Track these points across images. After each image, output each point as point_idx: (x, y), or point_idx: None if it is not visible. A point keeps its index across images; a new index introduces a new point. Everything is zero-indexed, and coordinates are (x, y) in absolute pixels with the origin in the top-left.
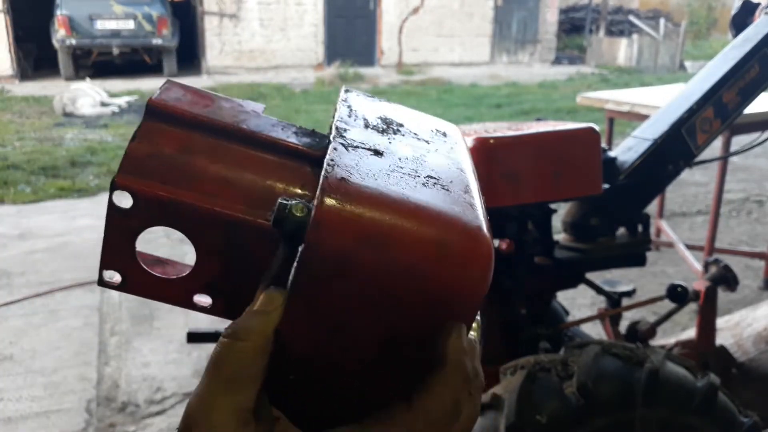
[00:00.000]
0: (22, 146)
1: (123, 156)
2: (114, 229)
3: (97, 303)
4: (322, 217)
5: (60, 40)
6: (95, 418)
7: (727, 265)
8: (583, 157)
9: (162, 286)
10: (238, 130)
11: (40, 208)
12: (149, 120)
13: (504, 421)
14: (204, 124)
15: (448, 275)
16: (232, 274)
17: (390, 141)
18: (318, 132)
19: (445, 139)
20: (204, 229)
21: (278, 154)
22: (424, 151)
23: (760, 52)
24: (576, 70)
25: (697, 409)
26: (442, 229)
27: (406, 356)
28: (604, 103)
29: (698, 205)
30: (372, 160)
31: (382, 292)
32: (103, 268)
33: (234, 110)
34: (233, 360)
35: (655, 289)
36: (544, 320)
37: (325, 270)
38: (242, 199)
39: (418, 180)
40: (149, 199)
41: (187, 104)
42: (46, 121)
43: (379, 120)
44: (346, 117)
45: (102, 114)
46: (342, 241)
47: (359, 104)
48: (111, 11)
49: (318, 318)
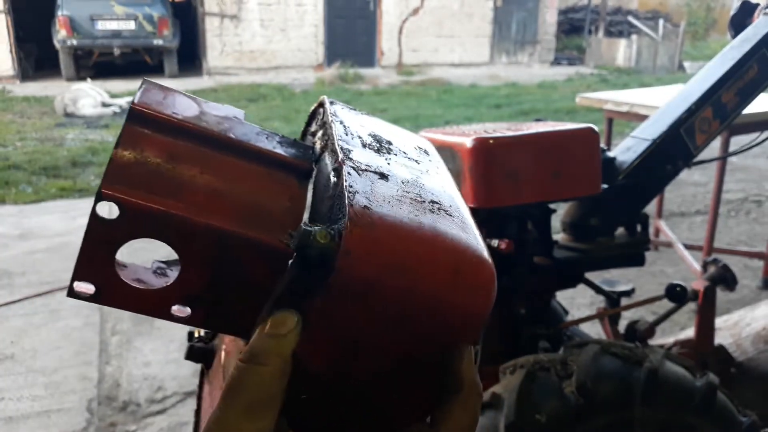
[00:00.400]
0: (24, 146)
1: (108, 163)
2: (94, 240)
3: None
4: (353, 246)
5: (61, 41)
6: (96, 418)
7: (726, 265)
8: (583, 158)
9: (139, 298)
10: (225, 138)
11: (41, 208)
12: (132, 124)
13: (503, 420)
14: (190, 131)
15: (461, 300)
16: (215, 285)
17: (388, 162)
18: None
19: (429, 157)
20: (192, 241)
21: (265, 165)
22: (418, 173)
23: (758, 53)
24: (575, 70)
25: (696, 408)
26: (456, 256)
27: (418, 376)
28: (603, 104)
29: (697, 205)
30: (381, 185)
31: (400, 316)
32: (75, 279)
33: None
34: (253, 384)
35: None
36: (544, 320)
37: (352, 294)
38: (232, 211)
39: (425, 206)
40: (137, 211)
41: (169, 108)
42: (47, 122)
43: (371, 138)
44: (345, 135)
45: (103, 114)
46: (370, 267)
47: (349, 119)
48: (112, 12)
49: (337, 340)
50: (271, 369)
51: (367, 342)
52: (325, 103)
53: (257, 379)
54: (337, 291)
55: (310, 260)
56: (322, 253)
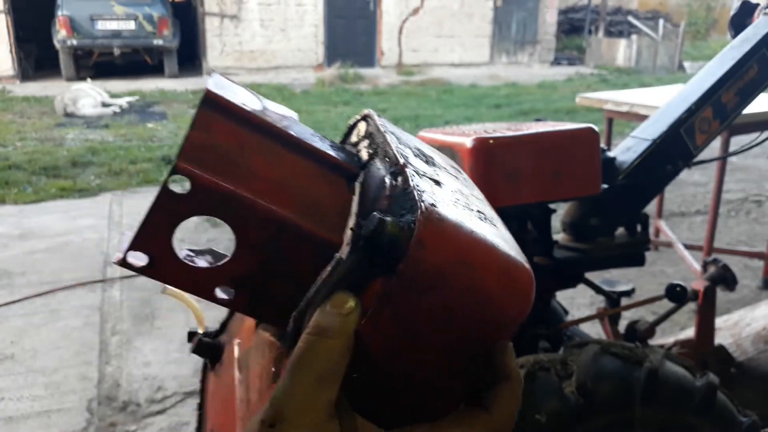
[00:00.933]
0: (24, 146)
1: (183, 141)
2: (160, 212)
3: (98, 302)
4: (426, 237)
5: (61, 41)
6: (96, 418)
7: (726, 265)
8: (583, 158)
9: (189, 275)
10: (286, 134)
11: (41, 208)
12: (206, 109)
13: None
14: (257, 124)
15: (507, 300)
16: (262, 271)
17: (437, 173)
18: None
19: (463, 176)
20: (253, 225)
21: (319, 164)
22: (461, 186)
23: (758, 53)
24: (575, 70)
25: (696, 408)
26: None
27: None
28: (603, 104)
29: (697, 205)
30: (438, 190)
31: (458, 308)
32: (132, 248)
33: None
34: (324, 356)
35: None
36: (544, 320)
37: (421, 283)
38: (291, 202)
39: (474, 213)
40: (208, 188)
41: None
42: (47, 122)
43: (417, 150)
44: (400, 145)
45: (103, 114)
46: (440, 259)
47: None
48: (112, 12)
49: (399, 324)
50: (339, 344)
51: (424, 328)
52: (372, 115)
53: (327, 352)
54: (406, 278)
55: (380, 247)
56: (392, 242)
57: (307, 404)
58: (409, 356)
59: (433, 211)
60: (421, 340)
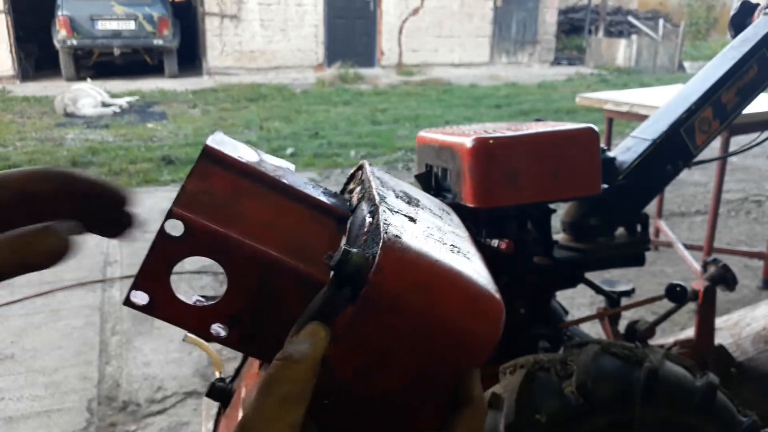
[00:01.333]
0: (24, 146)
1: (180, 190)
2: (158, 254)
3: (98, 302)
4: (384, 263)
5: (61, 41)
6: (96, 418)
7: (726, 265)
8: (582, 158)
9: (186, 313)
10: (280, 183)
11: None
12: (204, 161)
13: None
14: (252, 174)
15: (474, 326)
16: (254, 308)
17: (416, 212)
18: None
19: (451, 217)
20: (243, 265)
21: (310, 208)
22: (441, 224)
23: (758, 53)
24: (575, 70)
25: (696, 408)
26: (473, 289)
27: (432, 389)
28: (603, 104)
29: (697, 205)
30: (410, 225)
31: (420, 332)
32: (134, 288)
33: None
34: (288, 379)
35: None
36: (544, 320)
37: (380, 306)
38: (281, 242)
39: (446, 246)
40: (201, 231)
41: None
42: (47, 122)
43: (402, 193)
44: (381, 187)
45: (103, 114)
46: (398, 283)
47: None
48: (112, 12)
49: (363, 349)
50: (304, 367)
51: (388, 353)
52: (364, 165)
53: (291, 375)
54: (368, 302)
55: (345, 276)
56: (357, 270)
57: (273, 425)
58: (376, 380)
59: (395, 240)
60: (386, 365)
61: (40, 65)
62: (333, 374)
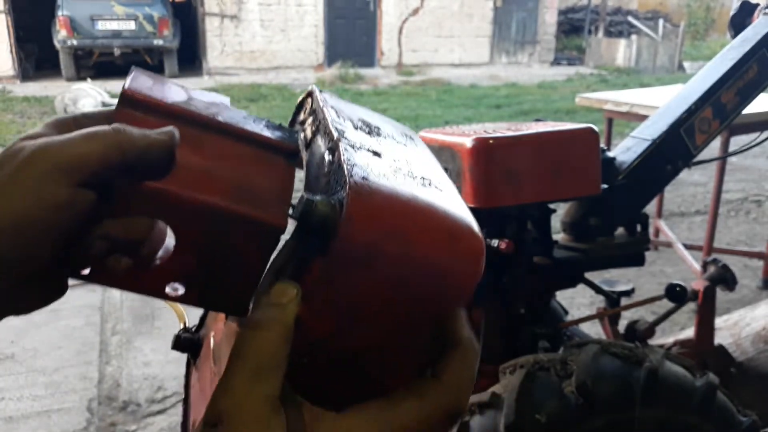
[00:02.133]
0: None
1: None
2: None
3: (99, 302)
4: (354, 212)
5: (61, 41)
6: (96, 417)
7: (726, 265)
8: (582, 158)
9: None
10: (213, 121)
11: None
12: (124, 109)
13: (503, 420)
14: (179, 114)
15: (454, 265)
16: (207, 263)
17: (379, 143)
18: (285, 126)
19: (415, 143)
20: (186, 219)
21: (253, 146)
22: (407, 153)
23: (758, 53)
24: (575, 70)
25: (695, 408)
26: (450, 225)
27: (415, 337)
28: (602, 104)
29: (697, 205)
30: (375, 161)
31: (398, 279)
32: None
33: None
34: (258, 350)
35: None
36: (544, 319)
37: (353, 260)
38: (224, 189)
39: (417, 180)
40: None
41: (159, 94)
42: None
43: (361, 122)
44: (337, 118)
45: None
46: (371, 233)
47: (339, 106)
48: (112, 12)
49: (338, 305)
50: (275, 335)
51: (366, 306)
52: (314, 91)
53: (262, 345)
54: (339, 257)
55: (311, 228)
56: (324, 221)
57: (246, 401)
58: (356, 335)
59: (363, 184)
60: (366, 318)
61: (41, 65)
62: (308, 333)
